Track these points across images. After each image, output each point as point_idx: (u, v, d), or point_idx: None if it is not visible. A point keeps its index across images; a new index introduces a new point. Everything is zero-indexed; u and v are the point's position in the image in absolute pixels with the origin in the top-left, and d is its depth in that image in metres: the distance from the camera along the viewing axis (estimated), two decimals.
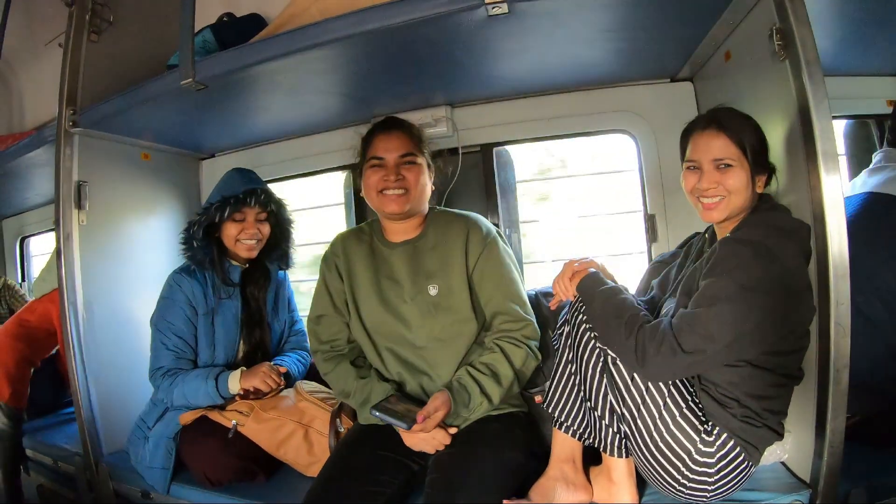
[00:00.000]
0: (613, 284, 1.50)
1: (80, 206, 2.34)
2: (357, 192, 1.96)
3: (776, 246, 1.34)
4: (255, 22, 2.33)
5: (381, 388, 1.71)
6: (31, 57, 3.52)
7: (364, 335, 1.80)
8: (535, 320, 1.75)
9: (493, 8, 1.55)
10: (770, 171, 1.50)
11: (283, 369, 2.08)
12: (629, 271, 2.19)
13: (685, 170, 1.53)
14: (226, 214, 2.04)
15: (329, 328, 1.85)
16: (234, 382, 1.99)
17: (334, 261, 1.86)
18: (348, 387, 1.77)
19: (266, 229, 2.14)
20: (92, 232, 2.39)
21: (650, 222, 2.35)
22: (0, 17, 2.96)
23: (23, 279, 4.20)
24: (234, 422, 1.95)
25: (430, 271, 1.77)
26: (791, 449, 1.59)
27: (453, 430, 1.61)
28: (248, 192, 2.06)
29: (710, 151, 1.46)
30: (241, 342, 2.16)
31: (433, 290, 1.74)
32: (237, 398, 2.02)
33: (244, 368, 2.03)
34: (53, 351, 2.92)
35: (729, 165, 1.44)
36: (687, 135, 1.55)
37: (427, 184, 1.81)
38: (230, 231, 2.07)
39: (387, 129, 1.79)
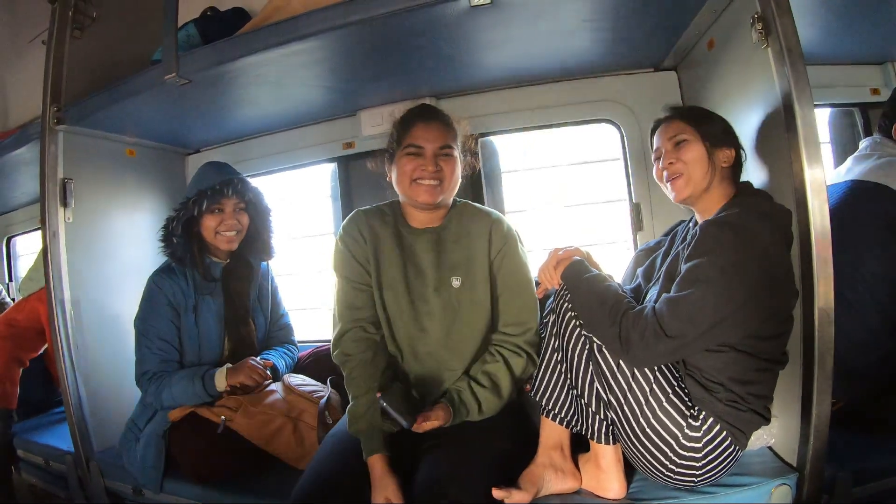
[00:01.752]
0: (598, 272, 1.52)
1: (65, 204, 2.33)
2: (345, 180, 1.89)
3: (756, 228, 1.36)
4: (239, 16, 2.31)
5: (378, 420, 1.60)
6: (14, 55, 3.49)
7: (385, 321, 1.74)
8: (538, 325, 1.73)
9: None
10: (735, 147, 1.56)
11: (268, 363, 2.07)
12: (614, 260, 2.20)
13: (654, 161, 1.63)
14: (204, 207, 2.02)
15: (358, 297, 1.75)
16: (221, 380, 1.98)
17: (358, 231, 1.78)
18: (359, 391, 1.65)
19: (245, 220, 2.12)
20: (78, 229, 2.38)
21: (635, 211, 2.36)
22: None
23: (9, 279, 4.17)
24: (222, 418, 1.94)
25: (454, 263, 1.74)
26: (778, 434, 1.60)
27: None
28: (224, 182, 2.03)
29: (668, 135, 1.57)
30: (226, 339, 2.13)
31: (456, 283, 1.72)
32: (225, 395, 2.01)
33: (230, 365, 2.02)
34: (42, 350, 2.90)
35: (684, 140, 1.54)
36: (653, 132, 1.66)
37: (459, 177, 1.76)
38: (209, 223, 2.05)
39: (427, 119, 1.73)
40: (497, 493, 1.45)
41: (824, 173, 1.37)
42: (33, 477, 2.84)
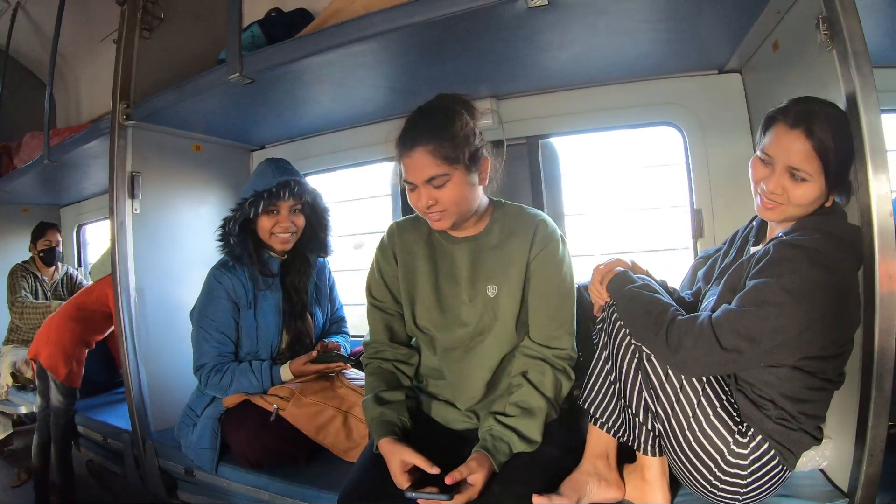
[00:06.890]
0: (642, 281, 1.47)
1: (133, 196, 2.45)
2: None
3: (833, 255, 1.27)
4: (302, 16, 2.38)
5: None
6: (86, 53, 3.69)
7: (419, 333, 1.72)
8: (572, 341, 1.64)
9: (533, 0, 1.56)
10: (848, 189, 1.38)
11: (313, 354, 2.11)
12: (674, 267, 2.14)
13: (757, 157, 1.42)
14: (260, 209, 2.07)
15: (376, 318, 1.76)
16: (287, 373, 2.07)
17: (390, 249, 1.73)
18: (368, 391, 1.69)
19: (301, 221, 2.16)
20: (145, 220, 2.50)
21: (696, 217, 2.29)
22: (56, 16, 3.10)
23: (79, 265, 4.39)
24: (275, 406, 2.01)
25: (491, 270, 1.64)
26: (831, 456, 1.54)
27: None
28: (280, 184, 2.07)
29: (789, 156, 1.34)
30: (284, 332, 2.19)
31: (492, 292, 1.63)
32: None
33: (290, 361, 2.09)
34: (108, 333, 3.04)
35: (804, 179, 1.33)
36: (771, 121, 1.40)
37: (469, 192, 1.56)
38: (264, 224, 2.10)
39: (407, 147, 1.53)
40: (537, 499, 1.43)
41: (890, 184, 1.31)
42: (91, 452, 3.01)
